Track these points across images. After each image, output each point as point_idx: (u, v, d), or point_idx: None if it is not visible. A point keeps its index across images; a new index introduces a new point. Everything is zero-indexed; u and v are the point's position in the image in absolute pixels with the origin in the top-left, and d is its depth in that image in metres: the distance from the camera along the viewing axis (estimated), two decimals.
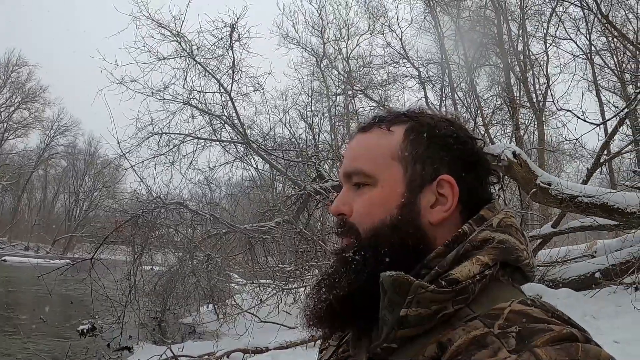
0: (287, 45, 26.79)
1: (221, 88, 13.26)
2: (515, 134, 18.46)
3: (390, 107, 1.06)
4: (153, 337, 10.16)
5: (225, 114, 13.60)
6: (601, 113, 18.82)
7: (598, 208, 7.61)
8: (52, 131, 53.87)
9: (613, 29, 10.08)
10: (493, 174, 0.95)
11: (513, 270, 0.86)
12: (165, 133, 13.59)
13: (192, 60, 13.10)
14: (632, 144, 12.30)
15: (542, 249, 10.42)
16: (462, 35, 20.49)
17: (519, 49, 20.40)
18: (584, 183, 9.43)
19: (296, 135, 23.27)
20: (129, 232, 10.76)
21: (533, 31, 20.08)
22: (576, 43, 18.38)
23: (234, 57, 13.10)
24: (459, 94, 19.97)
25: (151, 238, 11.15)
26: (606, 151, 11.22)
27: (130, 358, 8.63)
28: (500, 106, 20.25)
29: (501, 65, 20.86)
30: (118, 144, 11.44)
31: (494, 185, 0.97)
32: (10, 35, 75.22)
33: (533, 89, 20.31)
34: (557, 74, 20.17)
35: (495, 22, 20.26)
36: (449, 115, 0.98)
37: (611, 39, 17.11)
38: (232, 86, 13.23)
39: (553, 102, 12.42)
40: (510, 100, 19.50)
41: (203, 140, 14.20)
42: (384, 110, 0.99)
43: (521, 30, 19.97)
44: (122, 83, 12.65)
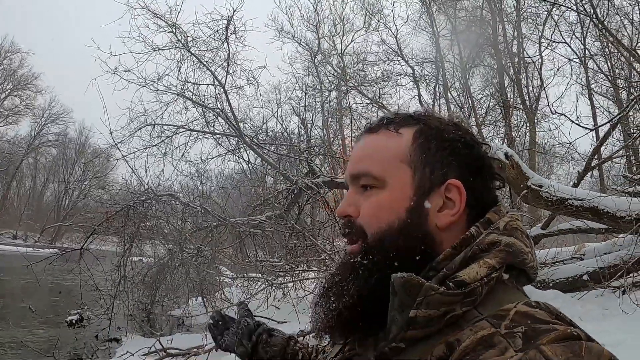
0: (282, 40, 26.87)
1: (215, 80, 13.19)
2: (508, 135, 18.57)
3: (397, 109, 1.05)
4: (142, 329, 10.13)
5: (219, 106, 13.54)
6: (593, 117, 18.96)
7: (588, 211, 7.65)
8: (43, 119, 53.52)
9: (608, 35, 10.12)
10: (497, 178, 0.96)
11: (518, 273, 0.88)
12: (158, 124, 13.51)
13: (187, 51, 13.01)
14: (623, 150, 12.38)
15: None
16: (458, 35, 20.55)
17: (513, 50, 20.51)
18: (575, 186, 9.47)
19: (288, 129, 23.32)
20: (119, 223, 10.71)
21: (528, 33, 20.21)
22: (570, 47, 18.52)
23: (229, 50, 13.04)
24: (453, 94, 20.05)
25: (141, 229, 11.09)
26: (597, 155, 11.29)
27: (118, 350, 8.59)
28: (494, 107, 20.34)
29: (495, 66, 20.95)
30: (110, 134, 11.36)
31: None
32: (2, 22, 74.64)
33: (526, 91, 20.43)
34: (551, 77, 20.25)
35: (490, 23, 20.31)
36: (456, 119, 0.99)
37: (606, 44, 17.19)
38: (227, 79, 13.18)
39: (548, 105, 12.51)
40: (503, 102, 19.58)
41: (196, 133, 14.14)
42: (391, 111, 1.00)
43: (516, 32, 20.09)
44: (116, 73, 12.53)
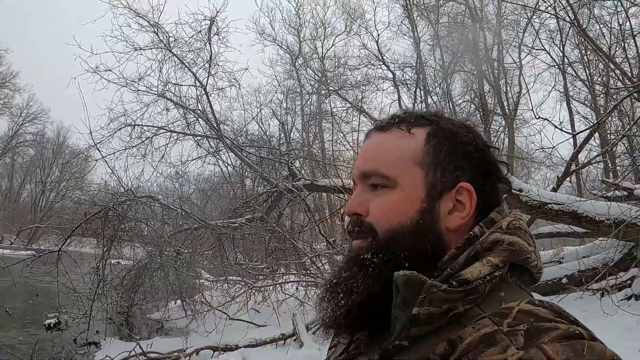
0: (263, 42, 26.77)
1: (197, 82, 13.14)
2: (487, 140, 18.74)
3: (407, 108, 1.04)
4: (121, 333, 9.99)
5: (200, 108, 13.50)
6: (571, 123, 19.25)
7: (568, 215, 7.75)
8: (21, 118, 52.58)
9: (588, 42, 10.29)
10: (505, 182, 0.96)
11: (520, 272, 0.87)
12: (138, 125, 13.42)
13: (169, 52, 12.95)
14: (601, 155, 12.59)
15: None
16: (439, 40, 20.70)
17: (493, 57, 20.71)
18: (554, 191, 9.61)
19: (268, 132, 23.23)
20: (97, 225, 10.58)
21: (510, 40, 20.44)
22: (550, 54, 18.79)
23: (212, 51, 13.01)
24: (434, 98, 20.16)
25: (120, 231, 10.97)
26: (575, 161, 11.46)
27: (97, 354, 8.45)
28: (474, 112, 20.52)
29: (475, 72, 21.14)
30: (90, 134, 11.23)
31: None
32: None
33: (505, 97, 20.66)
34: (531, 84, 20.53)
35: (471, 30, 20.51)
36: (467, 121, 0.98)
37: (585, 52, 17.51)
38: (208, 80, 13.14)
39: (532, 110, 12.67)
40: (483, 107, 19.78)
41: (176, 134, 14.08)
42: (402, 111, 0.99)
43: (496, 39, 20.28)
44: (97, 72, 12.44)
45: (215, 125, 13.12)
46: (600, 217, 7.34)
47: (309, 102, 26.09)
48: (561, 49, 18.29)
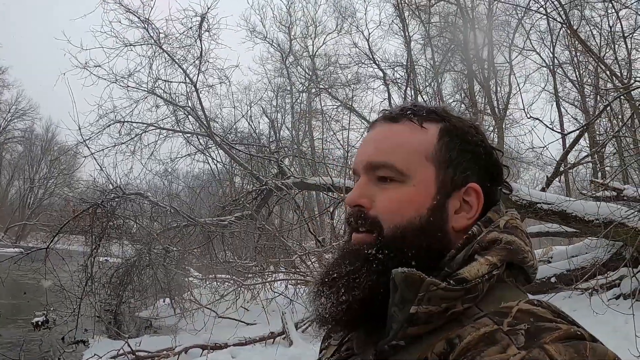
0: (254, 40, 26.85)
1: (187, 78, 13.12)
2: None
3: (416, 102, 1.01)
4: (109, 331, 9.93)
5: (190, 105, 13.48)
6: (560, 124, 19.39)
7: (557, 215, 7.79)
8: (9, 114, 52.15)
9: (579, 42, 10.34)
10: (506, 186, 0.96)
11: (517, 271, 0.86)
12: (127, 121, 13.40)
13: (159, 48, 12.91)
14: (590, 156, 12.68)
15: None
16: (430, 39, 20.77)
17: (484, 57, 20.81)
18: (543, 190, 9.66)
19: (258, 130, 23.23)
20: (86, 222, 10.52)
21: (500, 40, 20.56)
22: (540, 55, 18.92)
23: (202, 48, 12.99)
24: (424, 97, 20.22)
25: (109, 229, 10.91)
26: (564, 161, 11.53)
27: (86, 352, 8.38)
28: (464, 112, 20.60)
29: (466, 72, 21.23)
30: (79, 129, 11.20)
31: None
32: None
33: (495, 97, 20.77)
34: (522, 84, 20.64)
35: (462, 29, 20.60)
36: (475, 122, 0.98)
37: (575, 53, 17.62)
38: (198, 77, 13.11)
39: (523, 109, 12.75)
40: (472, 107, 19.87)
41: (165, 131, 14.05)
42: (411, 103, 0.96)
43: (487, 39, 20.38)
44: (86, 68, 12.38)
45: (205, 122, 13.09)
46: (589, 217, 7.39)
47: (299, 100, 26.18)
48: (551, 50, 18.44)
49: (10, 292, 13.12)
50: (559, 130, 9.36)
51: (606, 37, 15.71)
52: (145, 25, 12.72)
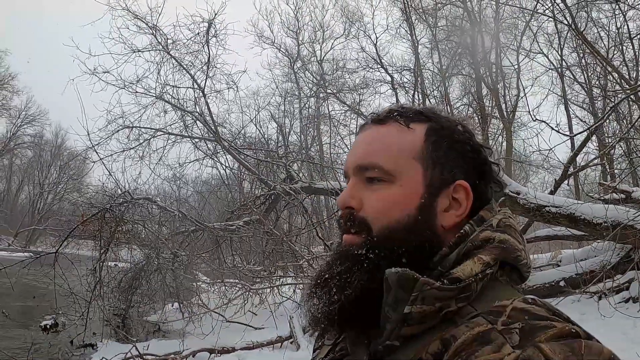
0: (262, 45, 26.83)
1: (195, 84, 13.19)
2: (485, 143, 18.75)
3: (404, 103, 1.02)
4: (117, 335, 9.96)
5: (198, 110, 13.53)
6: (569, 127, 19.30)
7: (565, 218, 7.75)
8: (19, 120, 52.45)
9: (586, 45, 10.30)
10: (497, 183, 0.95)
11: (510, 270, 0.87)
12: (136, 127, 13.45)
13: (167, 54, 12.98)
14: (598, 158, 12.60)
15: None
16: (437, 43, 20.74)
17: (491, 60, 20.75)
18: (552, 194, 9.60)
19: (266, 135, 23.24)
20: (95, 226, 10.57)
21: (508, 43, 20.50)
22: (548, 57, 18.85)
23: (210, 53, 13.05)
24: (431, 102, 20.19)
25: (118, 233, 10.96)
26: (573, 164, 11.47)
27: (94, 355, 8.41)
28: (472, 116, 20.54)
29: (474, 75, 21.18)
30: (88, 135, 11.27)
31: None
32: None
33: (503, 100, 20.70)
34: (530, 87, 20.57)
35: (469, 33, 20.56)
36: (463, 120, 0.97)
37: (582, 55, 17.55)
38: (206, 82, 13.16)
39: (529, 112, 12.69)
40: (481, 110, 19.82)
41: (174, 136, 14.10)
42: (398, 105, 0.97)
43: (494, 42, 20.32)
44: (95, 74, 12.46)
45: (213, 127, 13.13)
46: (597, 220, 7.34)
47: (307, 105, 26.14)
48: (559, 52, 18.37)
49: (20, 296, 13.18)
50: (565, 133, 9.30)
51: (614, 39, 15.65)
52: (153, 32, 12.81)
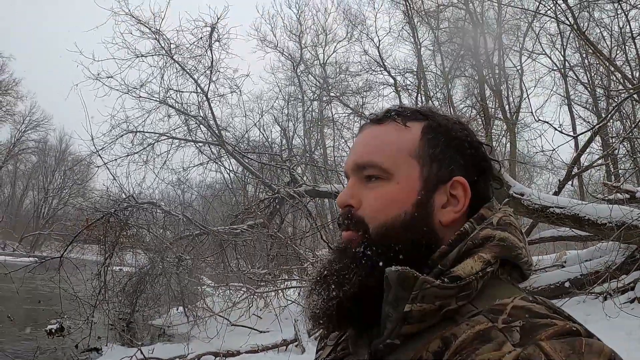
0: (265, 49, 26.86)
1: (198, 88, 13.21)
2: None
3: (402, 103, 1.02)
4: (122, 339, 9.98)
5: (201, 114, 13.55)
6: (573, 127, 19.23)
7: (569, 219, 7.74)
8: (24, 126, 52.68)
9: (589, 45, 10.29)
10: (497, 180, 0.96)
11: (511, 268, 0.87)
12: (139, 131, 13.49)
13: (170, 58, 13.01)
14: (602, 158, 12.57)
15: None
16: (440, 45, 20.73)
17: (494, 61, 20.71)
18: (556, 194, 9.58)
19: (270, 139, 23.25)
20: (99, 231, 10.60)
21: (510, 45, 20.46)
22: (550, 58, 18.81)
23: (213, 58, 13.07)
24: (435, 104, 20.15)
25: (122, 238, 10.98)
26: (577, 164, 11.44)
27: (99, 359, 8.47)
28: (475, 117, 20.51)
29: (476, 77, 21.15)
30: (92, 140, 11.28)
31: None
32: None
33: (507, 102, 20.66)
34: (532, 88, 20.51)
35: (472, 35, 20.53)
36: (461, 118, 0.98)
37: (585, 55, 17.51)
38: (209, 87, 13.18)
39: (532, 113, 12.69)
40: (484, 112, 19.79)
41: (178, 140, 14.13)
42: (397, 105, 0.98)
43: (497, 44, 20.29)
44: (98, 79, 12.50)
45: (216, 131, 13.16)
46: (602, 220, 7.32)
47: (310, 109, 26.15)
48: (562, 53, 18.32)
49: (25, 300, 13.22)
50: (569, 133, 9.28)
51: (616, 39, 15.62)
52: (156, 36, 12.85)
